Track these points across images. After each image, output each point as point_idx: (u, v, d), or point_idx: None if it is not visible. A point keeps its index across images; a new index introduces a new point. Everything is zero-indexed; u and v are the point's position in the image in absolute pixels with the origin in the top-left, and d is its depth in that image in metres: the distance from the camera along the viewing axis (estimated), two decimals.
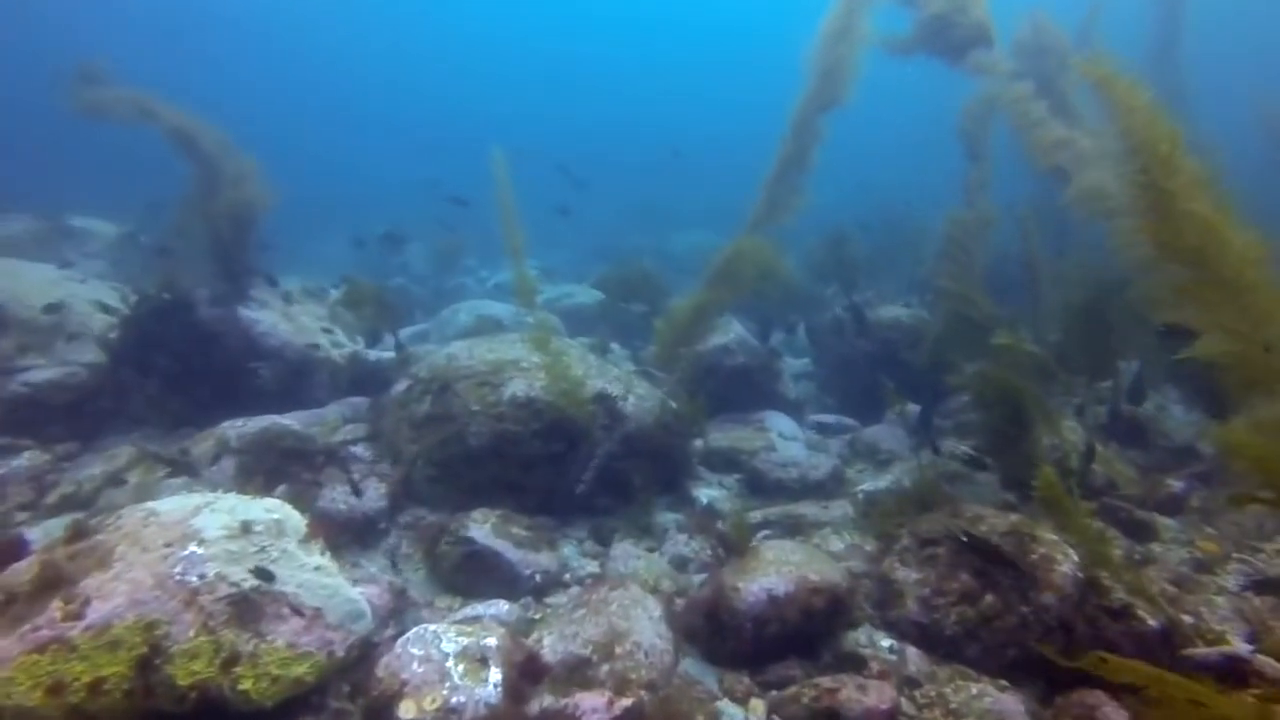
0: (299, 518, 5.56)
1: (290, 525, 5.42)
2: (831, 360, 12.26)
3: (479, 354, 8.23)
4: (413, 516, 7.37)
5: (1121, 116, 4.95)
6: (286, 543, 5.25)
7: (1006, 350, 7.28)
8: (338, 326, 10.15)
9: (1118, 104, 4.97)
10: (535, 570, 6.53)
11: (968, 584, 5.63)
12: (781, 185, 7.72)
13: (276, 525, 5.34)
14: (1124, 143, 4.97)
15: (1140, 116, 4.91)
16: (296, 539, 5.36)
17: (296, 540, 5.36)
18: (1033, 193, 12.80)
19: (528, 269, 7.16)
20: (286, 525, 5.39)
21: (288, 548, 5.22)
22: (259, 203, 10.15)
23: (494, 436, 7.42)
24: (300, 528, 5.47)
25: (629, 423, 7.79)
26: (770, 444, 9.13)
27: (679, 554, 7.12)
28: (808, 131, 7.68)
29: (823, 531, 7.20)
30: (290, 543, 5.28)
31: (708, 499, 8.11)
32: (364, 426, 8.59)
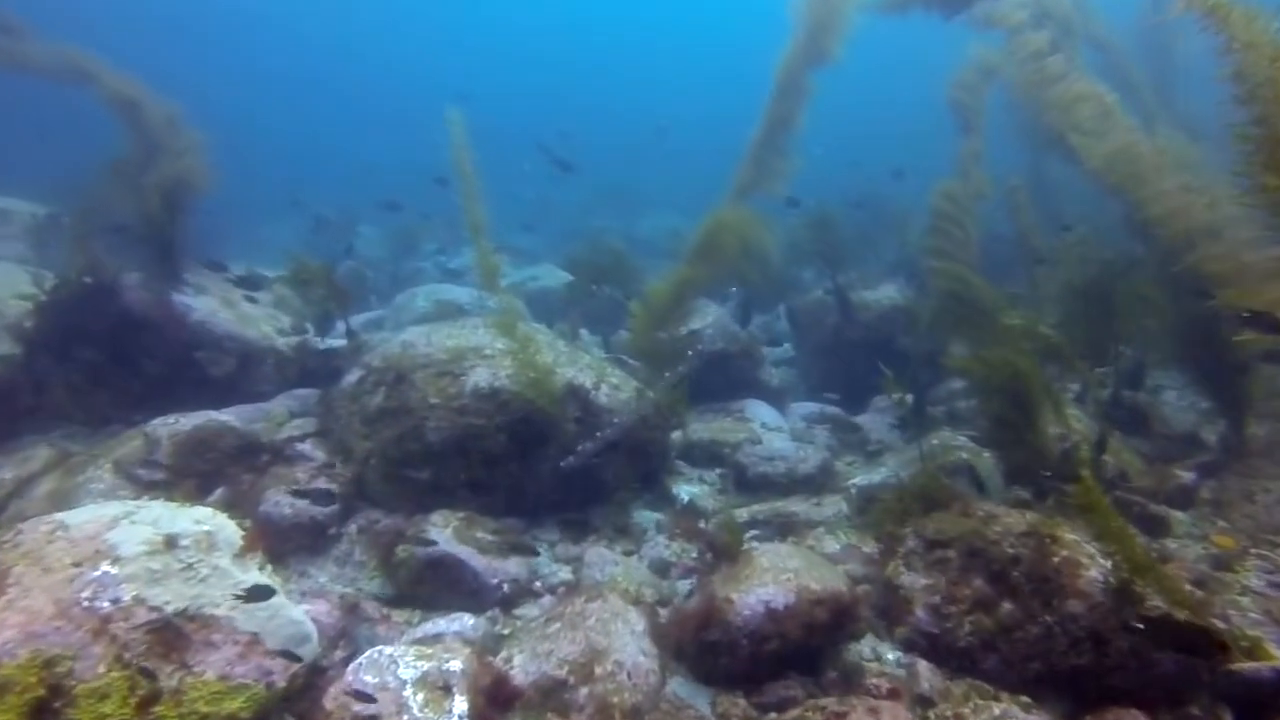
0: (234, 528, 4.86)
1: (223, 537, 4.72)
2: (813, 346, 11.71)
3: (438, 341, 7.54)
4: (366, 520, 6.68)
5: (1238, 53, 4.28)
6: (219, 558, 4.56)
7: (1016, 332, 6.73)
8: (284, 313, 9.37)
9: (1233, 38, 4.31)
10: (503, 579, 5.90)
11: (982, 590, 5.10)
12: (769, 148, 7.09)
13: (207, 538, 4.64)
14: (1238, 85, 4.31)
15: (1262, 53, 4.23)
16: (231, 553, 4.67)
17: (231, 554, 4.67)
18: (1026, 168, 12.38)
19: (489, 247, 6.48)
20: (219, 537, 4.69)
21: (220, 563, 4.53)
22: (197, 179, 9.33)
23: (455, 431, 6.74)
24: (235, 540, 4.78)
25: (604, 415, 7.16)
26: (753, 436, 8.55)
27: (660, 557, 6.52)
28: (795, 90, 7.06)
29: (816, 531, 6.64)
30: (223, 557, 4.59)
31: (688, 496, 7.51)
32: (313, 421, 7.86)
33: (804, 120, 7.34)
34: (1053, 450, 7.04)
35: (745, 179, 7.22)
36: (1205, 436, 8.68)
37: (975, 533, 5.39)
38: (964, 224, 9.54)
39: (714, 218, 7.21)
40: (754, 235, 7.13)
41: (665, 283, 7.24)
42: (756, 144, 7.19)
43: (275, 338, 8.82)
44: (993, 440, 7.44)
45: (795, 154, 7.24)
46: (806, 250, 12.05)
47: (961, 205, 9.68)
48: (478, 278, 6.58)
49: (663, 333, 7.39)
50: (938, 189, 9.92)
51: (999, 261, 10.67)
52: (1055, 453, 7.04)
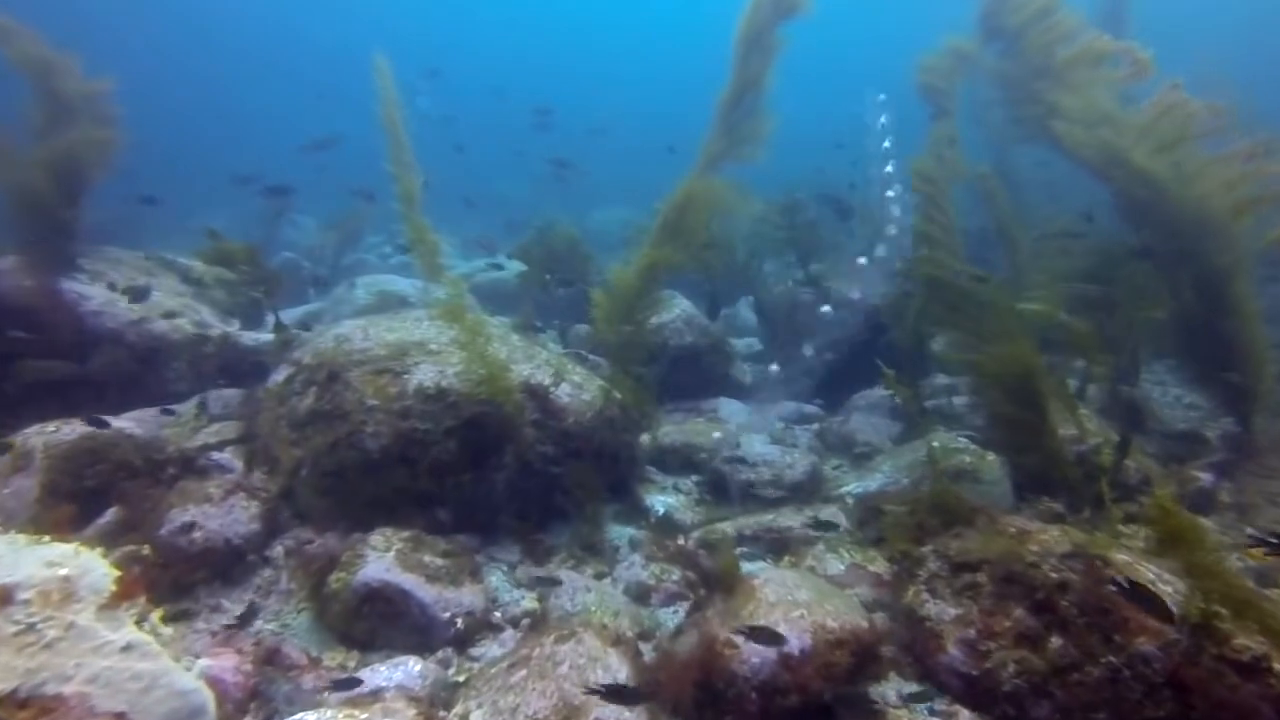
0: (103, 571, 3.84)
1: (87, 583, 3.71)
2: (784, 341, 10.95)
3: (377, 335, 6.57)
4: (295, 541, 5.70)
5: None
6: (76, 613, 3.55)
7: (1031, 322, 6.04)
8: (205, 303, 8.27)
9: None
10: (455, 612, 4.98)
11: (1024, 622, 4.33)
12: (739, 111, 6.25)
13: (62, 586, 3.62)
14: None
15: None
16: (96, 605, 3.66)
17: (96, 607, 3.65)
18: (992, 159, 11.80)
19: (423, 222, 5.52)
20: (81, 584, 3.67)
21: (79, 620, 3.52)
22: (96, 154, 8.17)
23: (397, 438, 5.80)
24: (104, 585, 3.76)
25: (566, 417, 6.27)
26: (730, 438, 7.74)
27: (637, 580, 5.67)
28: (763, 47, 6.22)
29: (815, 549, 5.84)
30: (84, 612, 3.58)
31: (663, 507, 6.67)
32: (235, 426, 6.83)
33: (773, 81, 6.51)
34: (1068, 453, 6.38)
35: (715, 147, 6.38)
36: (1205, 434, 8.15)
37: (1010, 553, 4.64)
38: (943, 207, 8.90)
39: (682, 190, 6.35)
40: (730, 208, 6.29)
41: (630, 267, 6.36)
42: (724, 107, 6.35)
43: (190, 330, 7.71)
44: (999, 442, 6.76)
45: (769, 116, 6.40)
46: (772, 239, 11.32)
47: (939, 187, 9.03)
48: (416, 260, 5.61)
49: (629, 324, 6.52)
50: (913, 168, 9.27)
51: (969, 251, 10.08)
52: (1070, 456, 6.38)
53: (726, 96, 6.33)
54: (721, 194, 6.19)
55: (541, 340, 8.84)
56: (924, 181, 9.11)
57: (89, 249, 8.11)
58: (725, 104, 6.33)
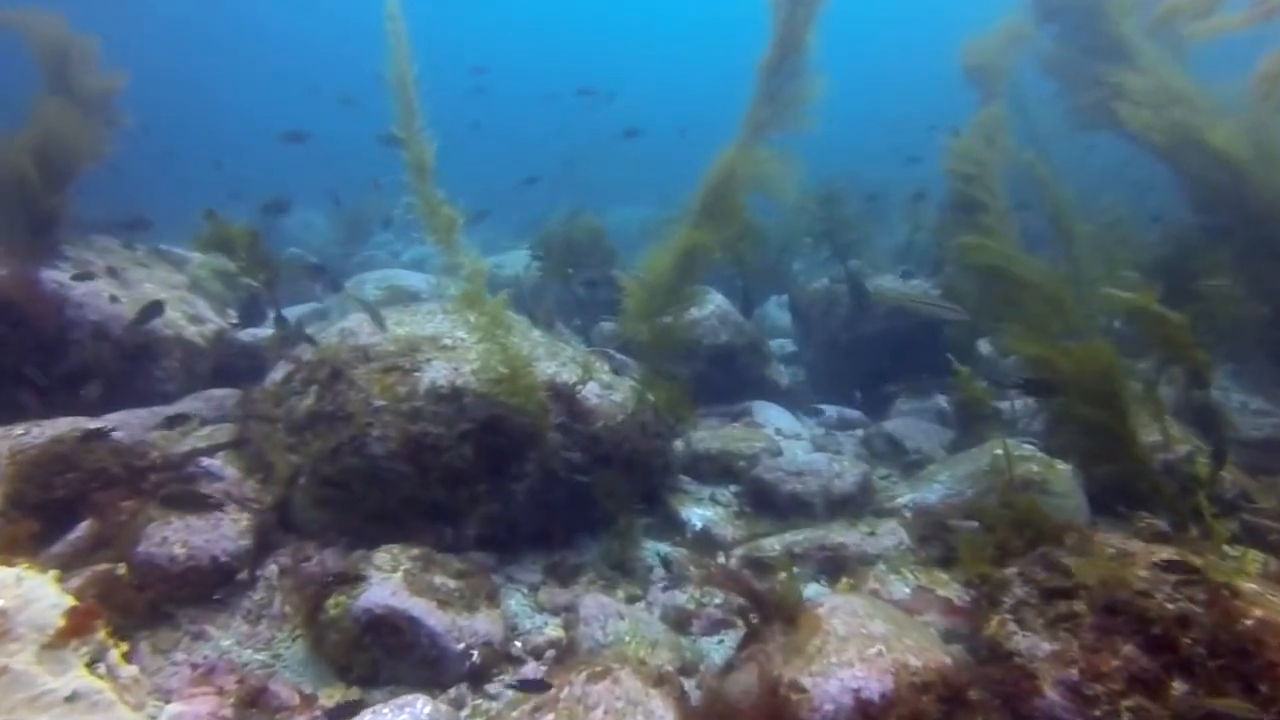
0: (51, 601, 3.23)
1: (28, 617, 3.10)
2: (820, 340, 10.28)
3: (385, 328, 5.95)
4: (291, 558, 5.09)
5: None
6: (11, 654, 2.94)
7: (1121, 312, 5.36)
8: (200, 297, 7.68)
9: None
10: (471, 643, 4.34)
11: (1137, 661, 3.64)
12: (782, 74, 5.58)
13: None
14: None
15: None
16: (38, 644, 3.04)
17: (38, 646, 3.03)
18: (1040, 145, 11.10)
19: (437, 196, 4.88)
20: (17, 620, 3.06)
21: (11, 665, 2.91)
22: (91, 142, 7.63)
23: (406, 442, 5.17)
24: (49, 619, 3.15)
25: (595, 420, 5.63)
26: (772, 445, 7.08)
27: (675, 605, 5.03)
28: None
29: (876, 569, 5.16)
30: (22, 653, 2.97)
31: (700, 521, 6.01)
32: (228, 430, 6.22)
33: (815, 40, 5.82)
34: (1153, 462, 5.69)
35: (758, 116, 5.70)
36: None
37: (1113, 579, 3.96)
38: (994, 192, 8.23)
39: (722, 162, 5.69)
40: (778, 181, 5.60)
41: (665, 251, 5.70)
42: (766, 71, 5.68)
43: (184, 325, 7.12)
44: (1071, 450, 6.08)
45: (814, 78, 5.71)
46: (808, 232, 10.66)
47: (989, 170, 8.37)
48: (429, 235, 4.96)
49: (664, 317, 5.86)
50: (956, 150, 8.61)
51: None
52: (1157, 465, 5.69)
53: (768, 60, 5.67)
54: (765, 165, 5.53)
55: (565, 336, 8.22)
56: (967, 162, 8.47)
57: (75, 238, 7.55)
58: (767, 68, 5.67)
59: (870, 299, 9.77)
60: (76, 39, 8.34)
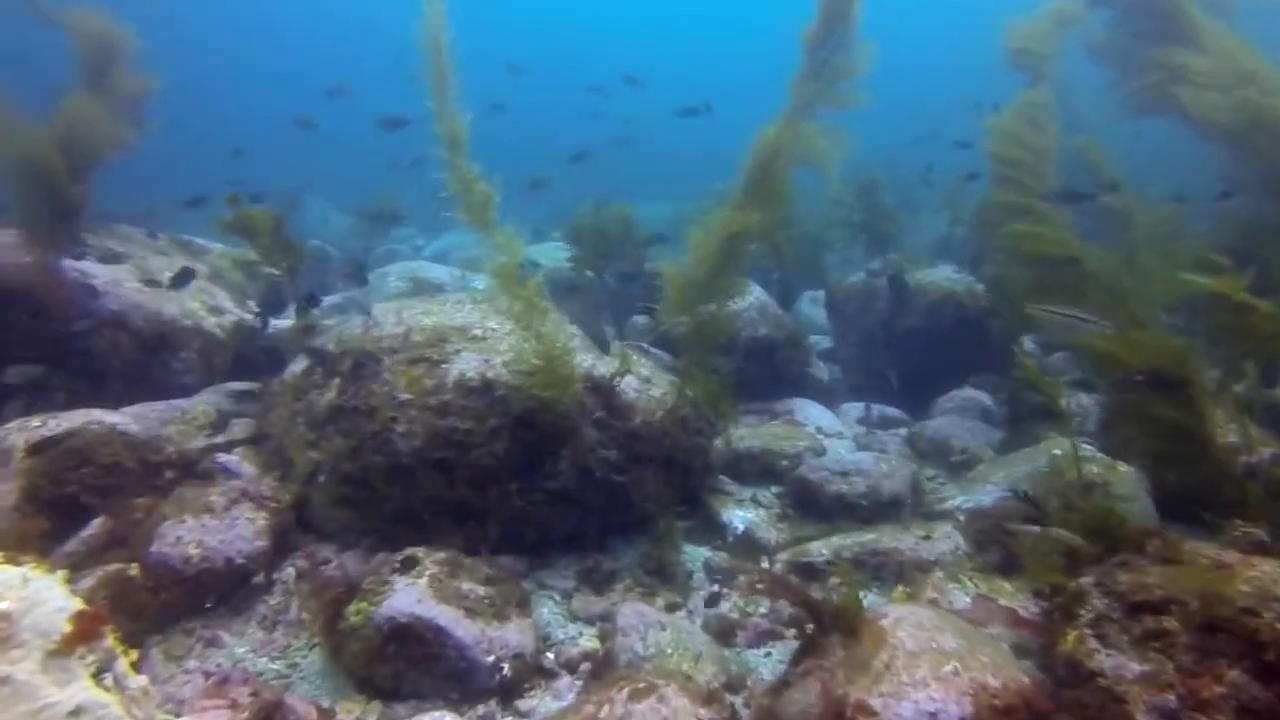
0: (59, 604, 2.96)
1: (32, 622, 2.82)
2: (858, 337, 9.91)
3: (412, 319, 5.68)
4: (309, 562, 4.82)
5: None
6: (14, 662, 2.66)
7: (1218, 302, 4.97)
8: (220, 288, 7.44)
9: None
10: (501, 655, 4.04)
11: (1246, 689, 3.28)
12: (830, 45, 5.20)
13: (0, 625, 2.74)
14: None
15: None
16: (42, 651, 2.77)
17: (42, 654, 2.76)
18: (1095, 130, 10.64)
19: (471, 169, 4.56)
20: (21, 624, 2.79)
21: (14, 674, 2.64)
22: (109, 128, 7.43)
23: (433, 438, 4.88)
24: (56, 625, 2.88)
25: (633, 416, 5.31)
26: (815, 443, 6.75)
27: (717, 613, 4.71)
28: None
29: (934, 576, 4.81)
30: (25, 661, 2.69)
31: (742, 524, 5.69)
32: (246, 425, 5.98)
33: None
34: (1233, 466, 5.29)
35: (804, 91, 5.34)
36: None
37: (1212, 593, 3.58)
38: (1043, 177, 7.82)
39: (768, 138, 5.33)
40: (825, 157, 5.24)
41: (707, 235, 5.35)
42: (812, 43, 5.31)
43: (204, 316, 6.88)
44: (1137, 451, 5.69)
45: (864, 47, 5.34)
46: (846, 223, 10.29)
47: (1036, 152, 7.96)
48: (462, 213, 4.65)
49: (706, 306, 5.52)
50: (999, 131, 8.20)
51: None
52: (1237, 469, 5.30)
53: (814, 32, 5.30)
54: (813, 141, 5.17)
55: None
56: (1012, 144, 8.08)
57: (97, 226, 7.35)
58: (812, 41, 5.30)
59: (910, 292, 9.41)
60: (118, 34, 8.22)
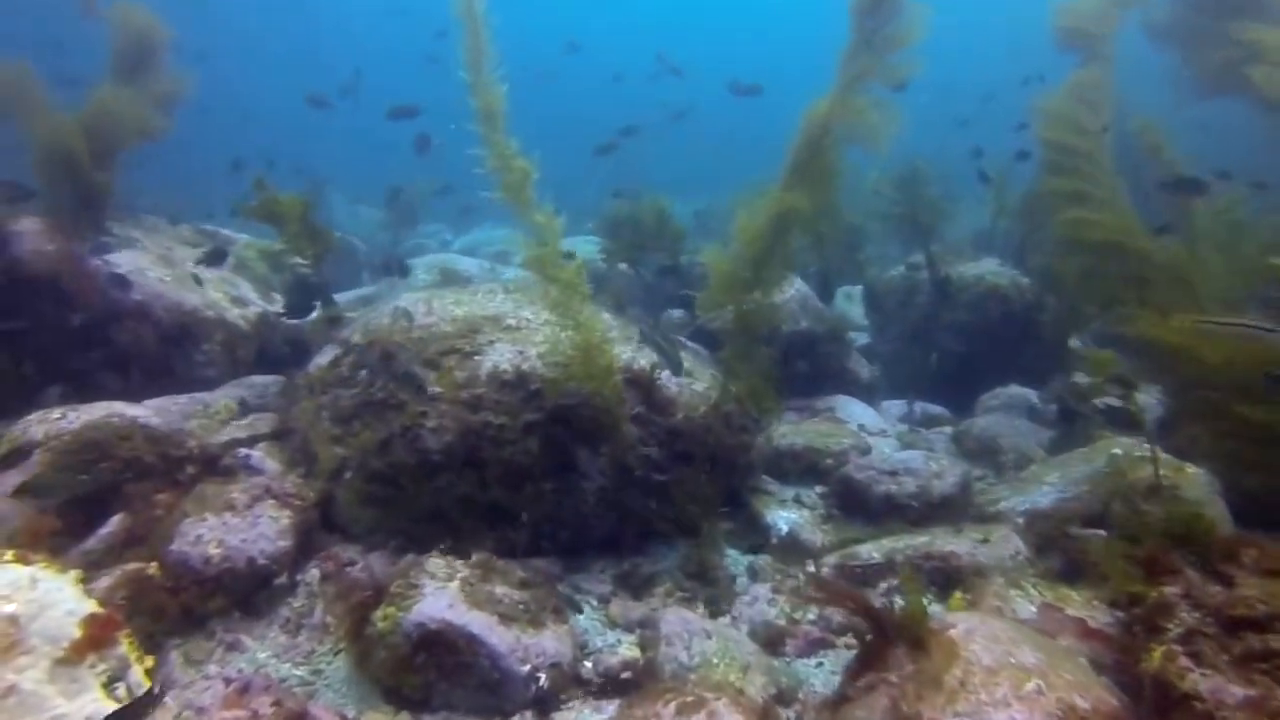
0: (69, 607, 2.76)
1: (41, 628, 2.62)
2: (898, 332, 9.59)
3: (442, 309, 5.45)
4: (335, 562, 4.60)
5: None
6: (20, 670, 2.46)
7: None
8: (245, 279, 7.26)
9: None
10: (537, 665, 3.78)
11: None
12: (880, 14, 4.88)
13: (4, 632, 2.54)
14: None
15: None
16: (51, 658, 2.56)
17: (50, 661, 2.56)
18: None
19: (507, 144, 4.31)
20: (30, 629, 2.59)
21: (20, 682, 2.44)
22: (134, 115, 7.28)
23: (464, 434, 4.65)
24: (65, 629, 2.67)
25: (674, 411, 5.05)
26: (860, 441, 6.45)
27: (764, 620, 4.44)
28: None
29: (994, 583, 4.50)
30: (32, 669, 2.49)
31: (786, 525, 5.41)
32: (270, 419, 5.79)
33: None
34: None
35: (854, 66, 5.02)
36: None
37: None
38: (1098, 161, 7.45)
39: (816, 116, 5.03)
40: (878, 133, 4.92)
41: (753, 219, 5.06)
42: (860, 14, 5.00)
43: (227, 307, 6.70)
44: (1212, 453, 5.34)
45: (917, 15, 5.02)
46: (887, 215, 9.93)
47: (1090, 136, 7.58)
48: (499, 192, 4.39)
49: (751, 294, 5.23)
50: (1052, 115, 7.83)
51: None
52: None
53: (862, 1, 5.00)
54: (864, 115, 4.86)
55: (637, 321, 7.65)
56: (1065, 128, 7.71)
57: (123, 216, 7.20)
58: (861, 9, 4.99)
59: (953, 287, 9.08)
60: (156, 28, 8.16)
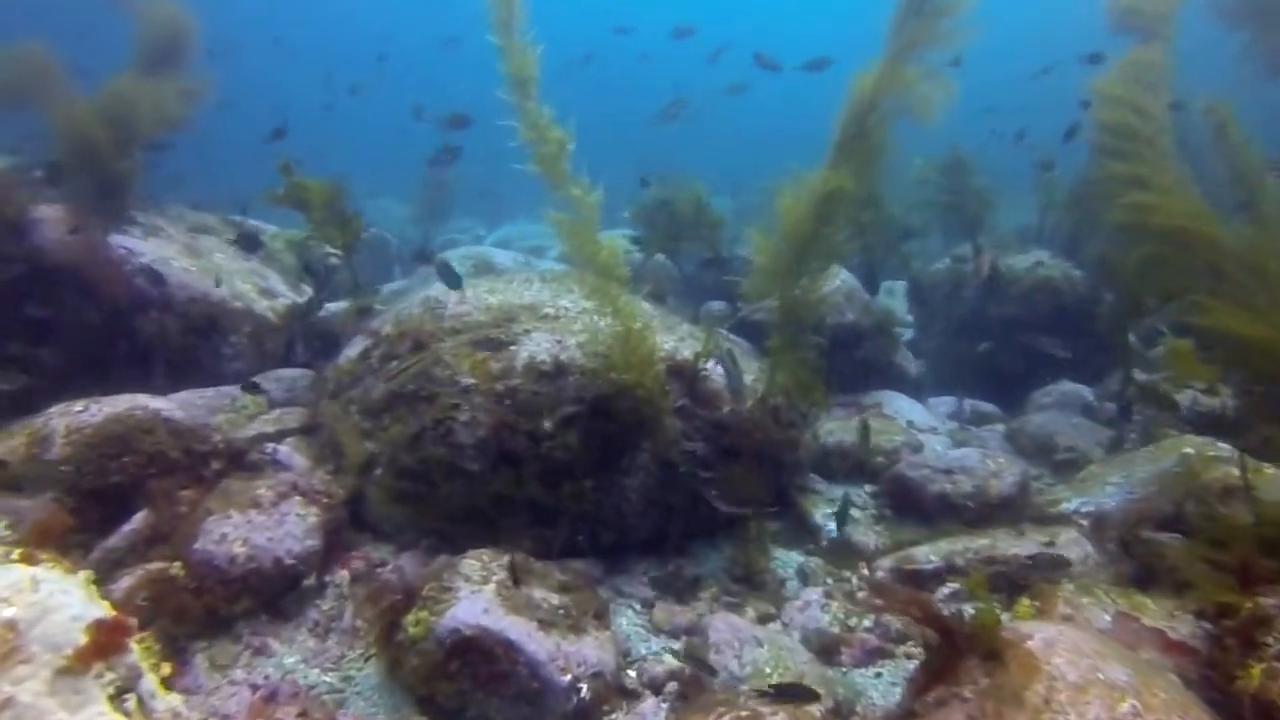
0: (75, 611, 2.54)
1: (43, 634, 2.41)
2: (944, 327, 9.23)
3: (476, 297, 5.23)
4: (364, 563, 4.41)
5: None
6: (18, 681, 2.25)
7: None
8: (272, 269, 7.09)
9: None
10: (578, 674, 3.53)
11: None
12: None
13: (7, 637, 2.32)
14: None
15: None
16: (52, 668, 2.35)
17: (51, 671, 2.34)
18: None
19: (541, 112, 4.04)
20: (30, 635, 2.38)
21: (18, 695, 2.22)
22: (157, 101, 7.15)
23: (500, 428, 4.42)
24: (69, 635, 2.46)
25: (719, 404, 4.78)
26: (911, 439, 6.14)
27: (817, 627, 4.16)
28: None
29: (1064, 589, 4.18)
30: (31, 680, 2.28)
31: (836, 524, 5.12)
32: (299, 413, 5.59)
33: None
34: None
35: (903, 36, 4.69)
36: None
37: None
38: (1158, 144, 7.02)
39: (864, 89, 4.70)
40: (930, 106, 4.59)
41: (797, 200, 4.75)
42: None
43: (255, 298, 6.53)
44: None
45: None
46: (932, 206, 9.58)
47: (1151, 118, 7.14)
48: (534, 164, 4.12)
49: (801, 279, 4.93)
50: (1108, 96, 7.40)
51: None
52: None
53: None
54: (915, 88, 4.54)
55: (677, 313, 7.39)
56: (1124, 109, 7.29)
57: (147, 204, 7.06)
58: None
59: (1003, 279, 8.71)
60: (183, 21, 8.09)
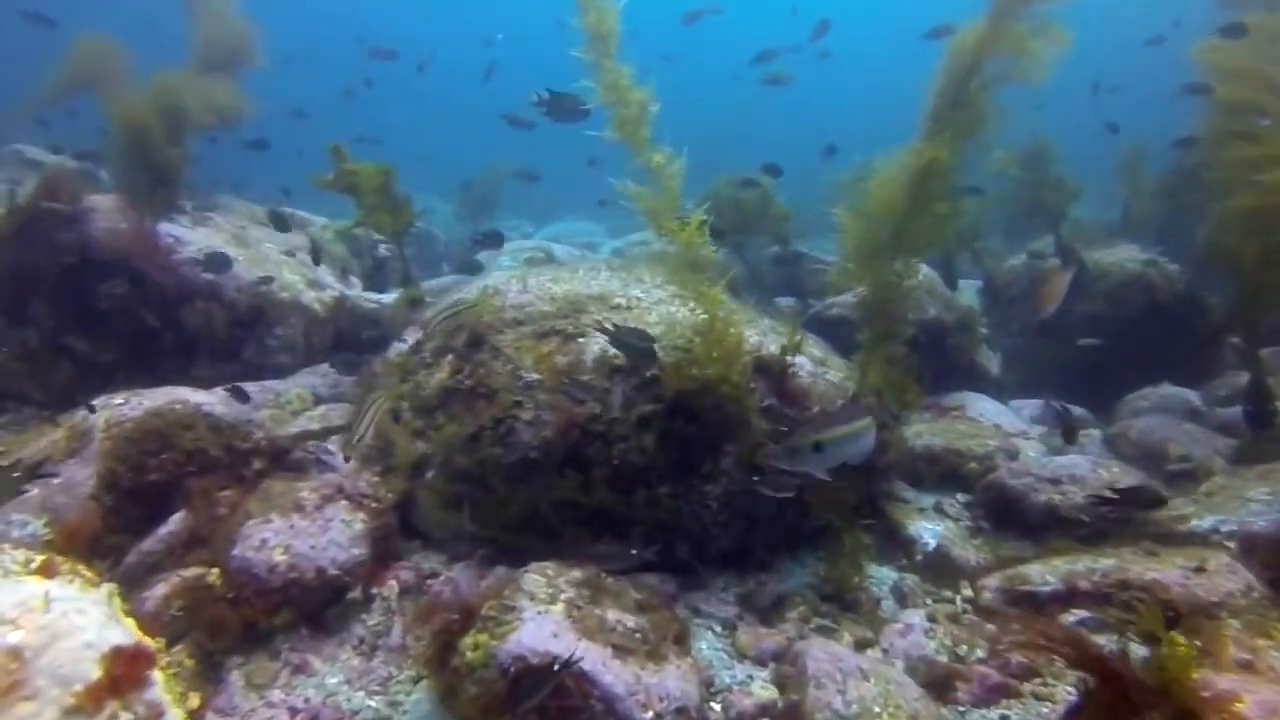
0: (89, 637, 2.17)
1: (49, 665, 2.04)
2: (1022, 326, 8.65)
3: (539, 286, 4.82)
4: (414, 574, 4.02)
5: None
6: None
7: None
8: (322, 260, 6.78)
9: None
10: (660, 710, 3.09)
11: None
12: None
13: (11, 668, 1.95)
14: None
15: None
16: (60, 706, 1.97)
17: (60, 709, 1.97)
18: None
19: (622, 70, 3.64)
20: (36, 666, 2.01)
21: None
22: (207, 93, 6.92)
23: (567, 428, 4.00)
24: (78, 669, 2.08)
25: (808, 404, 4.31)
26: (1006, 444, 5.61)
27: (921, 653, 3.68)
28: None
29: (1229, 627, 3.62)
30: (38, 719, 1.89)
31: (933, 538, 4.62)
32: (345, 410, 5.25)
33: None
34: None
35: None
36: None
37: None
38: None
39: (964, 49, 4.22)
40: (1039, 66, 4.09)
41: (889, 179, 4.28)
42: None
43: (303, 290, 6.20)
44: None
45: None
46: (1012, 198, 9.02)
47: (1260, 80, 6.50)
48: (614, 130, 3.72)
49: (895, 265, 4.45)
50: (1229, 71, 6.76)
51: None
52: None
53: None
54: (1023, 45, 4.04)
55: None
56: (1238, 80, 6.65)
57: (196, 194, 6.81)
58: None
59: (1089, 274, 8.11)
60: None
